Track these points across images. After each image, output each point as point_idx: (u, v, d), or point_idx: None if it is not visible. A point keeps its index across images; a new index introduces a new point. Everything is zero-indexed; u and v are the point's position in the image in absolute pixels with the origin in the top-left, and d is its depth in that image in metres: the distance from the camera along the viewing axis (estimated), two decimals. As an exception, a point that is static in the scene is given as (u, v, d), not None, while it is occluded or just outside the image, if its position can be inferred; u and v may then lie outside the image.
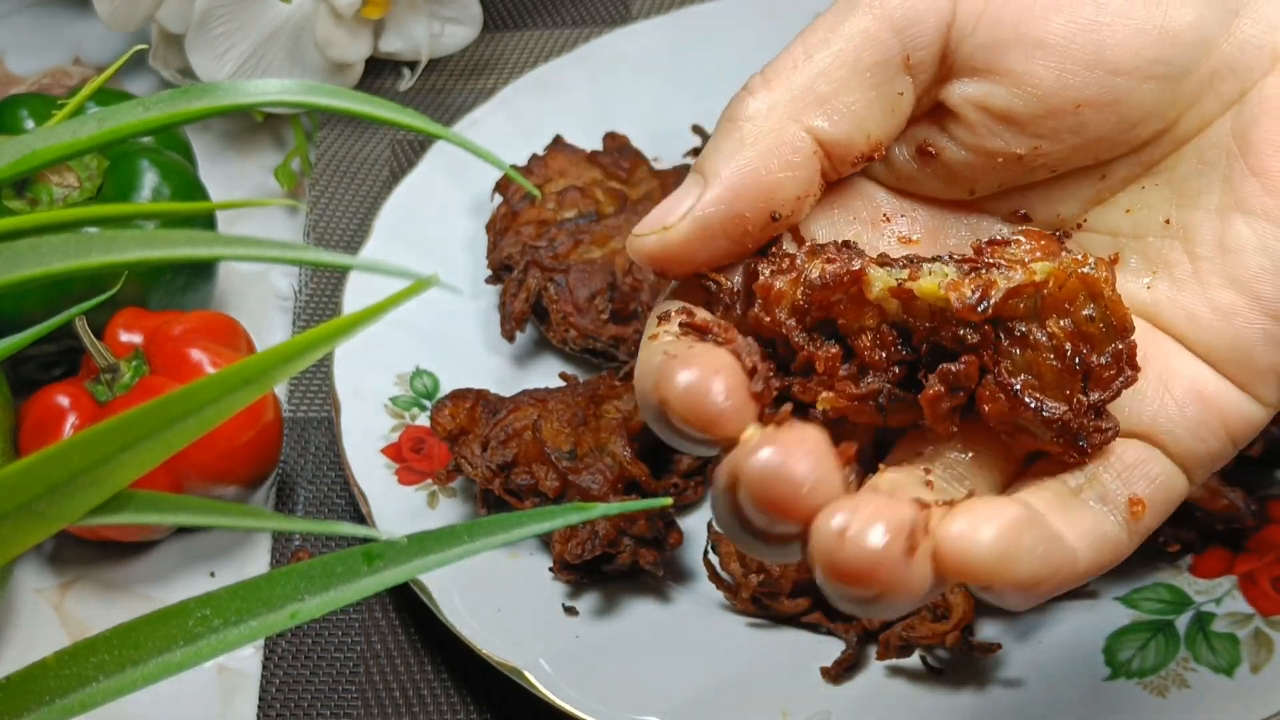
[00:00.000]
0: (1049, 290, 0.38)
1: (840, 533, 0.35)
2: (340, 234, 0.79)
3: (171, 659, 0.33)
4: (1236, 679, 0.56)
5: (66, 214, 0.35)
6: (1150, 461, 0.41)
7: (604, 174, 0.74)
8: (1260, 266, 0.40)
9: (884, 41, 0.41)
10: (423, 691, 0.61)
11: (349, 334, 0.31)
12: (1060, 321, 0.39)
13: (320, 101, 0.35)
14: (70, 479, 0.31)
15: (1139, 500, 0.40)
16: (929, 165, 0.43)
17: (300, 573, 0.33)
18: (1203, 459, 0.41)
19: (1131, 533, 0.40)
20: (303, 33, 0.81)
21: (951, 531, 0.36)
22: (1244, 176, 0.41)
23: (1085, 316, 0.39)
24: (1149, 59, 0.40)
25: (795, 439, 0.37)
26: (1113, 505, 0.40)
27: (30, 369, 0.70)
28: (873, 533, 0.35)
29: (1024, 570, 0.36)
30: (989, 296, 0.38)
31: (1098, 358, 0.39)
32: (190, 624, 0.33)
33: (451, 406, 0.64)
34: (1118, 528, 0.40)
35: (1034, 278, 0.38)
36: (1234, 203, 0.41)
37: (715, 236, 0.41)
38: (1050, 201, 0.44)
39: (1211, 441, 0.41)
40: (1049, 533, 0.37)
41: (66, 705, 0.33)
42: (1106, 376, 0.39)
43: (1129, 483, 0.40)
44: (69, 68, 0.92)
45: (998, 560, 0.36)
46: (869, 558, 0.35)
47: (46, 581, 0.67)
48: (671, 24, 0.84)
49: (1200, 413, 0.41)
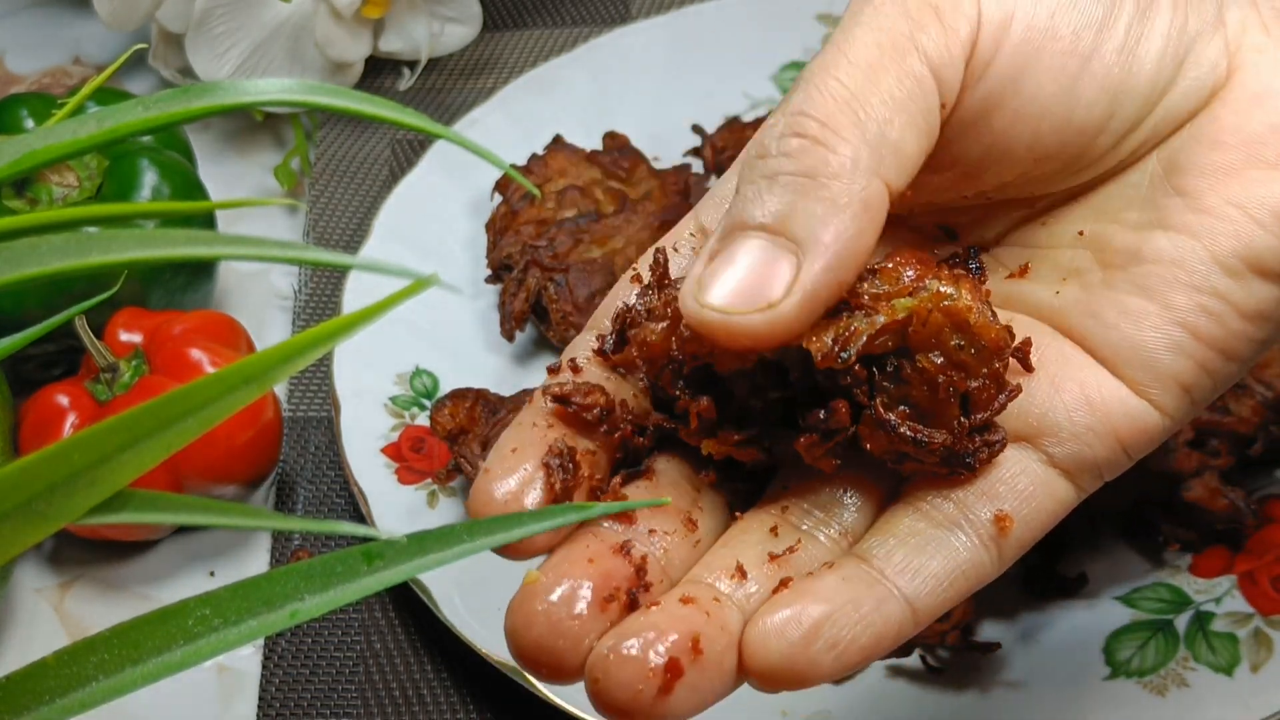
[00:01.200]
0: (913, 328, 0.38)
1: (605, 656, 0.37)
2: (340, 233, 0.79)
3: (171, 658, 0.33)
4: (1236, 678, 0.56)
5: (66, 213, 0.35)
6: (1021, 474, 0.40)
7: (604, 173, 0.74)
8: (1174, 276, 0.40)
9: (927, 84, 0.39)
10: (422, 691, 0.61)
11: (349, 333, 0.31)
12: (930, 355, 0.38)
13: (320, 101, 0.35)
14: (70, 478, 0.31)
15: (1005, 516, 0.40)
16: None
17: (300, 572, 0.33)
18: (1088, 465, 0.41)
19: (1002, 549, 0.40)
20: (303, 32, 0.81)
21: (746, 641, 0.37)
22: (1167, 195, 0.41)
23: (954, 346, 0.38)
24: (1107, 117, 0.40)
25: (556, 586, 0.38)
26: (975, 525, 0.40)
27: (30, 368, 0.70)
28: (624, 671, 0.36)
29: (824, 669, 0.37)
30: (849, 346, 0.38)
31: (973, 382, 0.39)
32: (190, 623, 0.33)
33: (451, 406, 0.64)
34: (978, 551, 0.40)
35: (896, 317, 0.38)
36: (1154, 220, 0.41)
37: (820, 306, 0.38)
38: (978, 226, 0.44)
39: (1099, 448, 0.40)
40: (863, 610, 0.38)
41: (66, 705, 0.33)
42: (985, 397, 0.39)
43: (995, 499, 0.40)
44: (69, 67, 0.92)
45: (791, 671, 0.37)
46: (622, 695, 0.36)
47: (46, 581, 0.67)
48: (671, 23, 0.84)
49: (1088, 419, 0.40)
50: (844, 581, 0.38)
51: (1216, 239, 0.40)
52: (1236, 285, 0.40)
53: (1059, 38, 0.39)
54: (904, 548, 0.39)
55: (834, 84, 0.39)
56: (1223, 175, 0.40)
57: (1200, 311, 0.40)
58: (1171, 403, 0.40)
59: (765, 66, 0.83)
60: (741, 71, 0.82)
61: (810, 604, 0.38)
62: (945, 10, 0.39)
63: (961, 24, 0.39)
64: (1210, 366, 0.40)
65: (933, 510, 0.40)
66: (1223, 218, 0.40)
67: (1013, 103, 0.40)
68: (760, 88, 0.82)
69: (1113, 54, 0.40)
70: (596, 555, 0.38)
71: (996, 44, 0.39)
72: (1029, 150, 0.41)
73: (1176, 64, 0.40)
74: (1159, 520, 0.60)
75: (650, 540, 0.40)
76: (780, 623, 0.37)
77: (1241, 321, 0.40)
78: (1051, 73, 0.40)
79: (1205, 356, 0.40)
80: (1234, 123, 0.40)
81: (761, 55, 0.83)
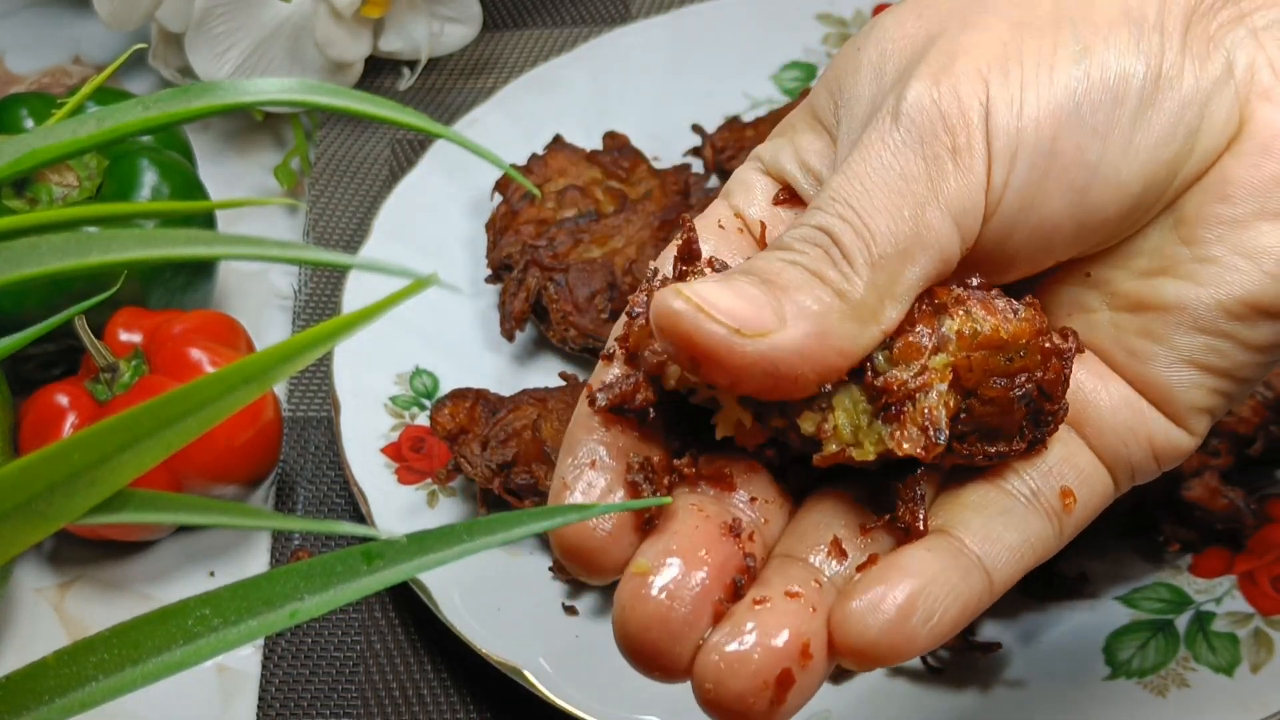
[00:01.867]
0: (965, 378, 0.39)
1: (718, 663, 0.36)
2: (340, 233, 0.79)
3: (171, 658, 0.33)
4: (1236, 678, 0.56)
5: (66, 213, 0.35)
6: (1079, 455, 0.41)
7: (604, 173, 0.74)
8: (1178, 320, 0.41)
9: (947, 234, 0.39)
10: (422, 691, 0.61)
11: (348, 333, 0.31)
12: (992, 384, 0.39)
13: (320, 100, 0.35)
14: (70, 478, 0.31)
15: (1070, 492, 0.41)
16: None
17: (300, 572, 0.33)
18: (1125, 465, 0.42)
19: (1063, 526, 0.41)
20: (302, 32, 0.81)
21: (840, 620, 0.37)
22: (1174, 245, 0.41)
23: (1006, 363, 0.39)
24: (1123, 210, 0.40)
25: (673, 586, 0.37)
26: (1043, 501, 0.41)
27: (30, 368, 0.69)
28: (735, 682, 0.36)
29: (919, 643, 0.37)
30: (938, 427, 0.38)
31: (1038, 374, 0.39)
32: (190, 623, 0.33)
33: (451, 406, 0.64)
34: (1045, 524, 0.41)
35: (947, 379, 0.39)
36: (1160, 268, 0.41)
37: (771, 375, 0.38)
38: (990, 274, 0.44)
39: (1135, 450, 0.41)
40: (944, 591, 0.38)
41: (66, 704, 0.33)
42: (1052, 379, 0.40)
43: (1060, 476, 0.41)
44: (69, 67, 0.92)
45: (889, 647, 0.37)
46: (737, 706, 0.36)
47: (46, 581, 0.66)
48: (671, 23, 0.84)
49: (1130, 419, 0.41)
50: (930, 553, 0.39)
51: (1223, 287, 0.40)
52: (1243, 326, 0.40)
53: (1063, 155, 0.39)
54: (980, 517, 0.40)
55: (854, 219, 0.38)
56: (1230, 226, 0.40)
57: (1208, 350, 0.41)
58: (1199, 425, 0.42)
59: (765, 66, 0.83)
60: (741, 71, 0.82)
61: (903, 580, 0.38)
62: (961, 151, 0.39)
63: (977, 164, 0.39)
64: (1223, 390, 0.41)
65: (1002, 482, 0.41)
66: (1229, 268, 0.40)
67: (1025, 227, 0.40)
68: (760, 88, 0.82)
69: (1118, 154, 0.40)
70: (708, 542, 0.38)
71: (1006, 177, 0.39)
72: (1046, 254, 0.41)
73: (1189, 135, 0.40)
74: (1159, 520, 0.60)
75: (751, 510, 0.40)
76: (875, 601, 0.37)
77: (1249, 354, 0.41)
78: (1061, 190, 0.40)
79: (1217, 384, 0.41)
80: (1242, 176, 0.40)
81: (761, 55, 0.83)
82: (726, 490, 0.40)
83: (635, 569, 0.37)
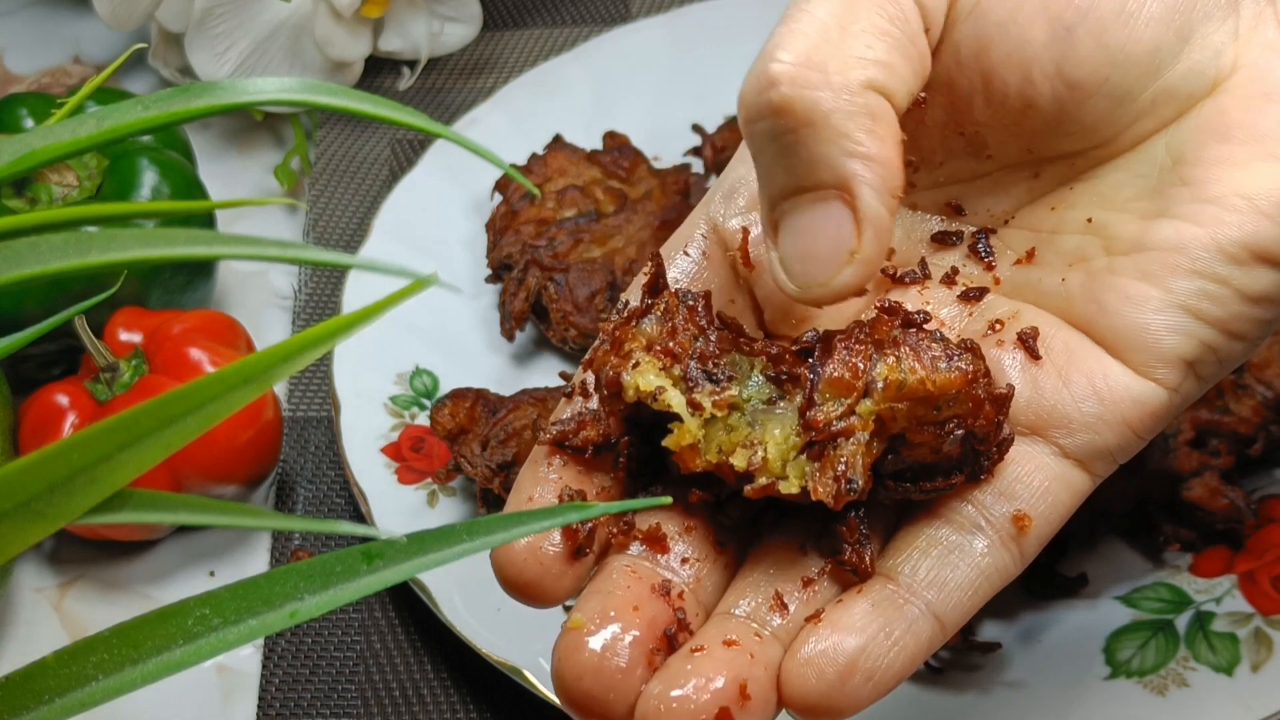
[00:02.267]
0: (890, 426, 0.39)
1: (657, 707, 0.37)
2: (340, 233, 0.79)
3: (171, 658, 0.33)
4: (1236, 678, 0.56)
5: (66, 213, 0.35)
6: (1035, 471, 0.41)
7: (604, 173, 0.74)
8: (1176, 262, 0.40)
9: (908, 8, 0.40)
10: (422, 691, 0.61)
11: (348, 333, 0.31)
12: (918, 430, 0.39)
13: (320, 100, 0.35)
14: (69, 478, 0.31)
15: (1023, 516, 0.40)
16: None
17: (300, 572, 0.33)
18: (1100, 452, 0.41)
19: (1023, 547, 0.41)
20: (302, 31, 0.81)
21: (785, 678, 0.38)
22: (1173, 186, 0.41)
23: (933, 413, 0.39)
24: (1102, 78, 0.41)
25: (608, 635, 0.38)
26: (994, 527, 0.40)
27: (30, 368, 0.69)
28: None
29: (862, 698, 0.38)
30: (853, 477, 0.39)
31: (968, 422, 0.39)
32: (189, 623, 0.33)
33: (451, 405, 0.64)
34: (1000, 554, 0.40)
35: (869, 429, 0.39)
36: (1160, 209, 0.41)
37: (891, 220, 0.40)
38: (983, 196, 0.45)
39: (1109, 435, 0.41)
40: (895, 634, 0.39)
41: (66, 704, 0.33)
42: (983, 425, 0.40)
43: (1012, 498, 0.41)
44: (68, 66, 0.92)
45: (829, 705, 0.38)
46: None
47: (46, 581, 0.66)
48: (671, 22, 0.84)
49: (1096, 408, 0.41)
50: (874, 608, 0.39)
51: (1221, 228, 0.40)
52: (1240, 271, 0.40)
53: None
54: (927, 560, 0.40)
55: (809, 20, 0.39)
56: (1230, 167, 0.40)
57: (1202, 295, 0.40)
58: (1176, 379, 0.41)
59: (765, 66, 0.83)
60: (741, 71, 0.81)
61: (844, 637, 0.38)
62: None
63: None
64: (1214, 344, 0.41)
65: (952, 514, 0.41)
66: (1229, 208, 0.40)
67: (1003, 43, 0.40)
68: (760, 87, 0.82)
69: (1111, 13, 0.40)
70: (639, 600, 0.39)
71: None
72: (1020, 95, 0.41)
73: (1180, 39, 0.40)
74: (1159, 520, 0.60)
75: (684, 570, 0.41)
76: (817, 659, 0.38)
77: (1245, 304, 0.40)
78: (1046, 20, 0.40)
79: (1208, 335, 0.41)
80: (1245, 118, 0.40)
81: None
82: (660, 551, 0.41)
83: (571, 624, 0.39)
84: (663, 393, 0.40)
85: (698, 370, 0.40)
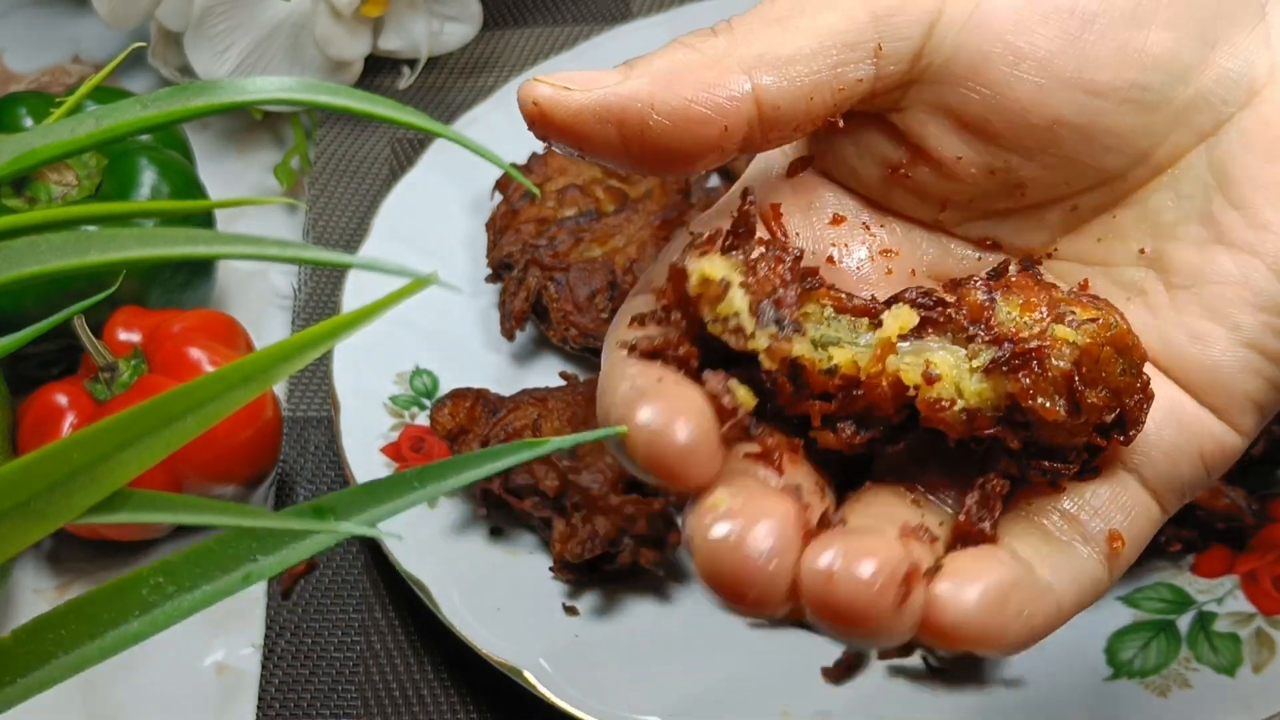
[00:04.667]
0: (1086, 368, 0.37)
1: (829, 573, 0.35)
2: (339, 232, 0.79)
3: (128, 630, 0.33)
4: (1238, 679, 0.56)
5: (65, 212, 0.35)
6: (1124, 493, 0.40)
7: (604, 172, 0.73)
8: (1240, 297, 0.40)
9: (859, 24, 0.39)
10: (422, 691, 0.61)
11: (348, 332, 0.31)
12: (1097, 391, 0.38)
13: (319, 99, 0.35)
14: (68, 477, 0.31)
15: (1118, 535, 0.39)
16: (898, 181, 0.42)
17: (251, 534, 0.33)
18: (1175, 485, 0.40)
19: (1112, 568, 0.40)
20: (302, 30, 0.81)
21: (938, 593, 0.36)
22: (1224, 210, 0.40)
23: (1119, 373, 0.38)
24: (1127, 82, 0.40)
25: (755, 513, 0.36)
26: (1094, 544, 0.39)
27: (29, 367, 0.69)
28: (863, 569, 0.35)
29: (1011, 635, 0.36)
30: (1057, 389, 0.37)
31: (1129, 399, 0.38)
32: (144, 593, 0.33)
33: (451, 405, 0.64)
34: (1099, 567, 0.39)
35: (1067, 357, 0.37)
36: (1215, 236, 0.40)
37: (609, 124, 0.38)
38: (1020, 231, 0.43)
39: (1185, 467, 0.40)
40: (1035, 590, 0.37)
41: (27, 684, 0.33)
42: (1136, 408, 0.38)
43: (1107, 518, 0.40)
44: (68, 65, 0.92)
45: (983, 629, 0.36)
46: (863, 597, 0.35)
47: (45, 582, 0.66)
48: (671, 22, 0.84)
49: (1176, 436, 0.40)
50: (1013, 560, 0.38)
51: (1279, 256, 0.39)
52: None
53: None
54: (1046, 547, 0.39)
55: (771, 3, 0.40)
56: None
57: (1267, 330, 0.39)
58: (1248, 421, 0.40)
59: (766, 65, 0.83)
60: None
61: (996, 569, 0.37)
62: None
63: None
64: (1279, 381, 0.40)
65: (1051, 525, 0.39)
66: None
67: (1008, 54, 0.39)
68: (761, 86, 0.82)
69: (1124, 16, 0.39)
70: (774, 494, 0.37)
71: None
72: (1041, 112, 0.40)
73: (1205, 43, 0.40)
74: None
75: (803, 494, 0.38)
76: (970, 581, 0.36)
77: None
78: (1048, 29, 0.39)
79: (1275, 373, 0.40)
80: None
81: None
82: (775, 471, 0.38)
83: (710, 504, 0.36)
84: (728, 288, 0.37)
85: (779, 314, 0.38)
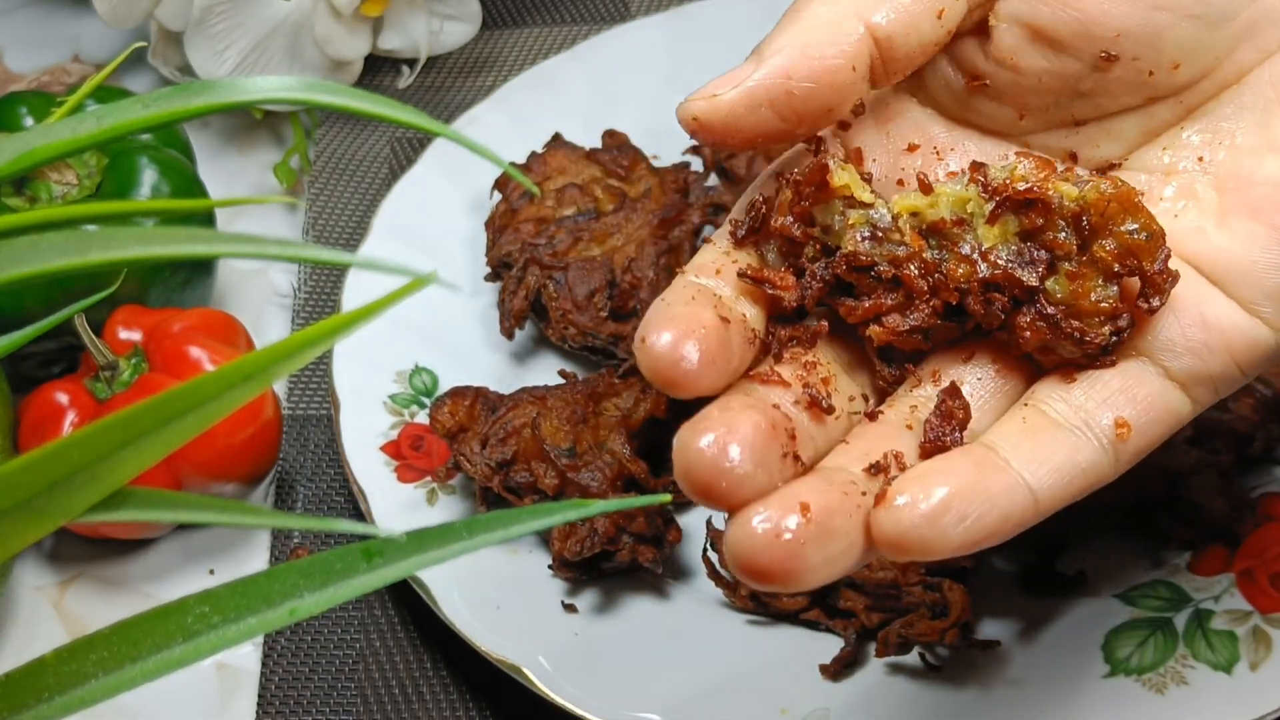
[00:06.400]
0: (1092, 217, 0.41)
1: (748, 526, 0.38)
2: (339, 231, 0.79)
3: (170, 656, 0.33)
4: (1235, 676, 0.56)
5: (66, 211, 0.35)
6: (1139, 384, 0.42)
7: (603, 171, 0.74)
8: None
9: None
10: (421, 688, 0.61)
11: (348, 331, 0.31)
12: (1107, 244, 0.41)
13: (319, 99, 0.35)
14: (69, 476, 0.31)
15: (1125, 422, 0.41)
16: (980, 90, 0.45)
17: (299, 570, 0.33)
18: (1204, 378, 0.42)
19: (1118, 454, 0.42)
20: (302, 30, 0.81)
21: (876, 511, 0.39)
22: (1279, 119, 0.42)
23: (1128, 232, 0.41)
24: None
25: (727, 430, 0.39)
26: (1095, 429, 0.41)
27: (30, 366, 0.70)
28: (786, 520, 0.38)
29: (953, 541, 0.38)
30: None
31: (1150, 265, 0.41)
32: (189, 621, 0.33)
33: (451, 404, 0.64)
34: (1099, 453, 0.41)
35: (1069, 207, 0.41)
36: (1267, 143, 0.43)
37: (761, 107, 0.43)
38: (1095, 142, 0.46)
39: (1213, 362, 0.42)
40: (984, 495, 0.39)
41: (65, 702, 0.33)
42: (1160, 281, 0.41)
43: (1115, 406, 0.42)
44: (68, 65, 0.92)
45: (920, 540, 0.38)
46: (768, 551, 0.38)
47: (46, 579, 0.67)
48: (671, 21, 0.84)
49: (1203, 335, 0.42)
50: (975, 465, 0.40)
51: None
52: None
53: None
54: (1030, 440, 0.41)
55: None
56: None
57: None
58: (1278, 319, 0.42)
59: (765, 64, 0.83)
60: (741, 69, 0.82)
61: (942, 480, 0.39)
62: None
63: None
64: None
65: (1051, 411, 0.42)
66: None
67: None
68: (760, 86, 0.82)
69: None
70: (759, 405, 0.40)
71: None
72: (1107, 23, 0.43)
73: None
74: (1158, 518, 0.60)
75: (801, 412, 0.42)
76: (911, 494, 0.39)
77: None
78: None
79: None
80: None
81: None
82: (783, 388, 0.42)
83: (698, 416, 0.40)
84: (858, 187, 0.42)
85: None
